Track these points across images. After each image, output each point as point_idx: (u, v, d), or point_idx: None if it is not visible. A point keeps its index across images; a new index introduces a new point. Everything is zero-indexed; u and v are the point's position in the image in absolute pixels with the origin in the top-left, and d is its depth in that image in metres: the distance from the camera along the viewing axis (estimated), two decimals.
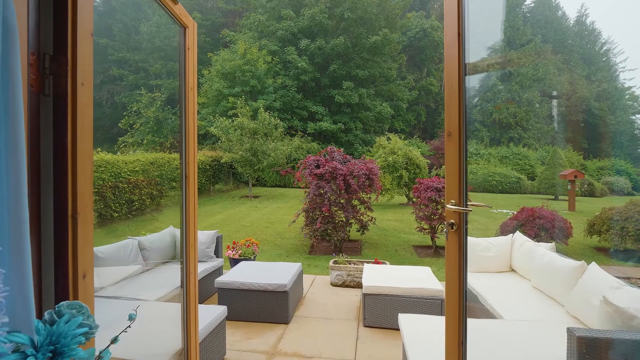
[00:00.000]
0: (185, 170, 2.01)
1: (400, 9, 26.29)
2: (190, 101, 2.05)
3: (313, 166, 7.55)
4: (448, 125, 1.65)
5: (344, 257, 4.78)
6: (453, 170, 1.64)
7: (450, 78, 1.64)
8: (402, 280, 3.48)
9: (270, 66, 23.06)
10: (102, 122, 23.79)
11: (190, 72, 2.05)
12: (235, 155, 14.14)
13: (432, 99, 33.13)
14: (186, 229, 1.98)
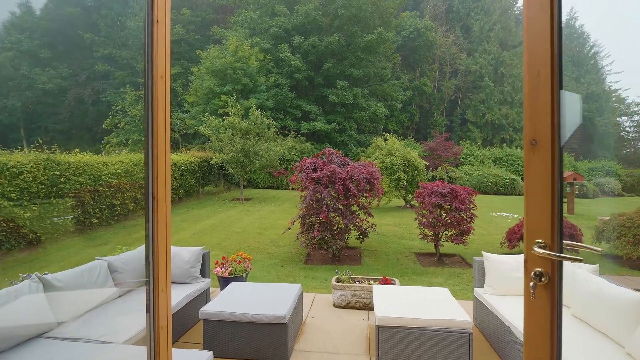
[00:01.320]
0: (153, 189, 1.47)
1: (394, 8, 25.92)
2: (160, 94, 1.51)
3: (310, 169, 7.02)
4: (532, 131, 1.15)
5: (347, 275, 4.26)
6: (540, 194, 1.13)
7: (535, 64, 1.14)
8: (421, 308, 2.97)
9: (262, 64, 22.43)
10: (86, 121, 22.85)
11: (159, 54, 1.51)
12: (226, 156, 13.51)
13: (425, 100, 32.91)
14: (153, 273, 1.43)
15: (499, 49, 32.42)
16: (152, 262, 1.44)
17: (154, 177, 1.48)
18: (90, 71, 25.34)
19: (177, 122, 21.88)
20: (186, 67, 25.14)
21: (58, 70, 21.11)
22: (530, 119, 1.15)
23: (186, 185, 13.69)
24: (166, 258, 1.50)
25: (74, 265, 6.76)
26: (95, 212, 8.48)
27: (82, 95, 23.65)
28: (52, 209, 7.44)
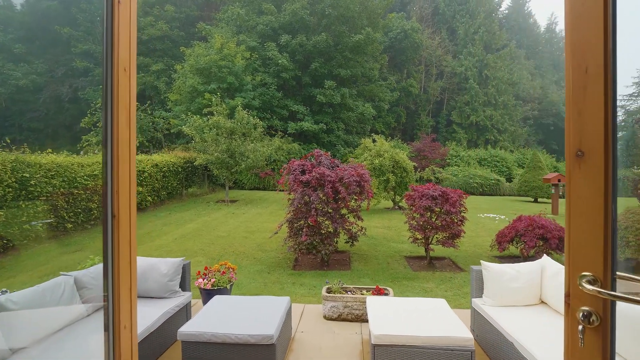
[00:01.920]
0: (113, 206, 1.20)
1: (382, 9, 25.93)
2: (123, 91, 1.25)
3: (298, 172, 6.78)
4: (577, 139, 0.94)
5: (338, 285, 4.04)
6: (587, 217, 0.93)
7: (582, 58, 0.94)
8: (419, 323, 2.78)
9: (248, 62, 22.02)
10: (63, 119, 21.93)
11: (121, 41, 1.25)
12: (211, 157, 13.10)
13: (412, 101, 33.10)
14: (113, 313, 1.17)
15: (484, 52, 32.91)
16: (112, 299, 1.17)
17: (114, 191, 1.21)
18: (68, 67, 24.36)
19: (159, 121, 21.24)
20: (169, 65, 24.47)
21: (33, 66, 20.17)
22: (575, 124, 0.95)
23: (168, 186, 13.21)
24: (130, 293, 1.23)
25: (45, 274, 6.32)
26: (70, 216, 8.00)
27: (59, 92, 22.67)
28: (22, 214, 6.95)
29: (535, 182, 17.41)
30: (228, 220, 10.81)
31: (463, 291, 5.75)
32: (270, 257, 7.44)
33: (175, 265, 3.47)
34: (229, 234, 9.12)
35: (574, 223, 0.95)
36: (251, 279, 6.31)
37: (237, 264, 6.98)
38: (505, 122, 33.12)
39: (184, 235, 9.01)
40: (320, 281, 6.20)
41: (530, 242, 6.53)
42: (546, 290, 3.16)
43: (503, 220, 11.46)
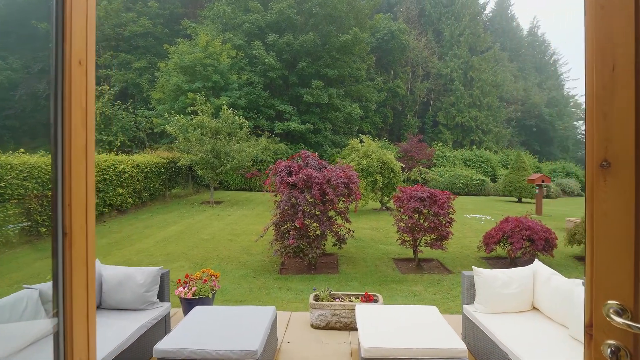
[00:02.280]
0: (64, 221, 1.03)
1: (369, 9, 25.95)
2: (77, 88, 1.07)
3: (284, 173, 6.61)
4: (602, 148, 0.83)
5: (326, 292, 3.90)
6: (615, 237, 0.81)
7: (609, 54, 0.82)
8: (411, 334, 2.66)
9: (234, 61, 21.66)
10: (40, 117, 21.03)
11: (75, 28, 1.07)
12: (195, 157, 12.76)
13: (398, 102, 33.29)
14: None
15: (469, 54, 33.38)
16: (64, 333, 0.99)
17: (65, 205, 1.03)
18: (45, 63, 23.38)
19: (142, 120, 20.66)
20: (152, 62, 23.85)
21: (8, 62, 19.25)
22: (600, 130, 0.82)
23: (150, 188, 12.80)
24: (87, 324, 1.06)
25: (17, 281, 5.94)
26: (44, 219, 7.59)
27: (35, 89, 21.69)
28: None
29: (519, 182, 17.70)
30: (212, 222, 10.53)
31: (452, 294, 5.70)
32: (256, 261, 7.24)
33: (153, 275, 3.25)
34: (213, 237, 8.87)
35: (598, 244, 0.83)
36: (236, 284, 6.11)
37: (221, 269, 6.76)
38: (490, 123, 33.69)
39: (166, 239, 8.71)
40: (307, 285, 6.05)
41: (517, 244, 6.54)
42: (539, 296, 3.10)
43: (489, 221, 11.56)
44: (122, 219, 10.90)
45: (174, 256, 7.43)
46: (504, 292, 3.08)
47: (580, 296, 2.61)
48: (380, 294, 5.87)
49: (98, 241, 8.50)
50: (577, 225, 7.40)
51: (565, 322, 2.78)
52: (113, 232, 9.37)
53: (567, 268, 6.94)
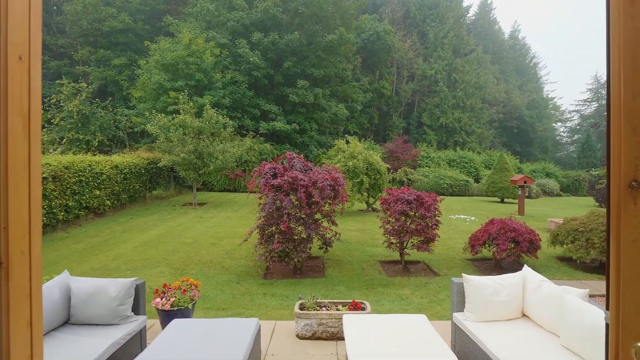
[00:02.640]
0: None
1: (355, 10, 25.94)
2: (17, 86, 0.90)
3: (269, 175, 6.44)
4: (631, 164, 0.71)
5: (312, 300, 3.76)
6: None
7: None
8: (401, 348, 2.55)
9: (218, 59, 21.24)
10: None
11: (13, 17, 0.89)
12: (176, 158, 12.39)
13: (384, 102, 33.47)
14: None
15: (452, 56, 33.86)
16: None
17: (1, 228, 0.86)
18: None
19: (122, 119, 20.00)
20: (133, 59, 23.14)
21: None
22: (628, 145, 0.72)
23: (130, 189, 12.34)
24: None
25: None
26: None
27: None
28: None
29: (502, 183, 18.03)
30: (195, 225, 10.23)
31: (439, 297, 5.66)
32: (240, 266, 7.03)
33: (127, 287, 3.04)
34: (195, 241, 8.59)
35: (626, 277, 0.72)
36: (218, 290, 5.90)
37: (204, 274, 6.53)
38: (473, 124, 34.28)
39: (146, 243, 8.38)
40: (292, 290, 5.90)
41: (502, 245, 6.57)
42: (529, 303, 3.05)
43: (474, 222, 11.67)
44: (99, 222, 10.46)
45: (153, 261, 7.14)
46: (494, 300, 3.02)
47: (571, 304, 2.56)
48: (367, 298, 5.81)
49: (73, 246, 8.10)
50: (560, 227, 7.51)
51: (556, 331, 2.73)
52: (89, 236, 8.96)
53: (550, 269, 7.03)
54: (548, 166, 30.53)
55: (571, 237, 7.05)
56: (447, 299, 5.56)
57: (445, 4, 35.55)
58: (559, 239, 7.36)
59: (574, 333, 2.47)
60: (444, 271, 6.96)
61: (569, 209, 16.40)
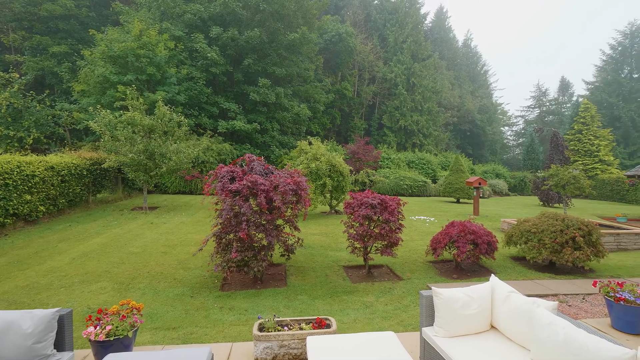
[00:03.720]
0: None
1: (317, 10, 25.76)
2: None
3: (226, 179, 5.97)
4: None
5: (273, 320, 3.42)
6: None
7: None
8: None
9: (173, 53, 20.00)
10: None
11: None
12: (124, 158, 11.35)
13: (346, 103, 33.70)
14: None
15: (411, 60, 34.92)
16: None
17: None
18: None
19: (62, 115, 18.13)
20: (75, 49, 21.12)
21: None
22: None
23: (69, 193, 11.08)
24: None
25: None
26: None
27: None
28: None
29: (458, 184, 18.78)
30: (145, 231, 9.39)
31: (403, 304, 5.57)
32: (194, 277, 6.48)
33: (46, 321, 2.50)
34: (144, 250, 7.84)
35: None
36: (169, 306, 5.35)
37: (153, 288, 5.92)
38: (430, 127, 35.59)
39: (86, 254, 7.50)
40: (252, 303, 5.51)
41: (462, 248, 6.65)
42: (497, 315, 2.95)
43: (433, 223, 11.93)
44: (30, 230, 9.25)
45: (94, 275, 6.36)
46: (465, 314, 2.89)
47: (541, 318, 2.47)
48: (332, 307, 5.56)
49: None
50: (514, 227, 7.80)
51: (525, 344, 2.65)
52: (17, 247, 7.86)
53: (506, 269, 7.26)
54: (497, 167, 32.52)
55: (524, 238, 7.34)
56: (412, 305, 5.49)
57: (405, 10, 36.60)
58: (513, 240, 7.65)
59: (545, 348, 2.37)
60: (407, 275, 6.92)
61: (517, 208, 17.46)
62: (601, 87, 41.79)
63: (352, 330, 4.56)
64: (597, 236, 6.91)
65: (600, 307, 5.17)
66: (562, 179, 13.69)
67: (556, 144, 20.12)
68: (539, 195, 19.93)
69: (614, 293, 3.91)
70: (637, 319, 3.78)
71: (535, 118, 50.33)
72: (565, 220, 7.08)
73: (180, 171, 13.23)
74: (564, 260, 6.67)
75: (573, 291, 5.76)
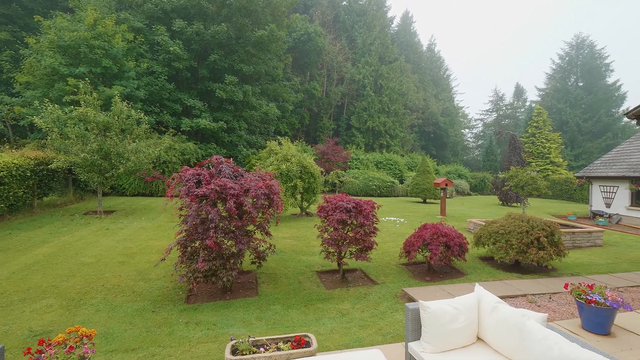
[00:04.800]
0: None
1: (286, 7, 25.35)
2: None
3: (192, 183, 5.52)
4: None
5: (247, 341, 3.10)
6: None
7: None
8: None
9: (132, 46, 18.73)
10: None
11: None
12: (75, 158, 10.35)
13: (315, 103, 33.55)
14: None
15: (379, 63, 35.47)
16: None
17: None
18: None
19: (2, 109, 16.34)
20: (18, 36, 19.16)
21: None
22: None
23: (9, 197, 9.89)
24: None
25: None
26: None
27: None
28: None
29: (425, 184, 19.23)
30: (99, 239, 8.59)
31: (380, 310, 5.44)
32: (156, 289, 5.95)
33: None
34: (98, 260, 7.13)
35: None
36: (128, 323, 4.83)
37: (108, 304, 5.34)
38: (396, 128, 36.37)
39: (29, 266, 6.67)
40: (221, 316, 5.12)
41: (435, 250, 6.67)
42: (484, 327, 2.85)
43: (404, 224, 12.04)
44: None
45: (37, 291, 5.64)
46: (452, 328, 2.76)
47: (533, 332, 2.38)
48: (307, 317, 5.31)
49: None
50: (482, 229, 7.98)
51: (514, 357, 2.55)
52: None
53: (476, 270, 7.40)
54: (459, 168, 33.90)
55: (493, 239, 7.52)
56: (389, 311, 5.37)
57: (372, 13, 37.11)
58: (482, 241, 7.82)
59: None
60: (382, 278, 6.83)
61: (480, 208, 18.20)
62: (551, 93, 45.02)
63: (330, 342, 4.35)
64: (559, 236, 7.23)
65: (566, 306, 5.35)
66: (521, 180, 14.40)
67: (514, 147, 21.25)
68: (498, 195, 20.93)
69: (585, 295, 4.00)
70: (606, 320, 3.89)
71: (493, 121, 53.18)
72: (530, 222, 7.34)
73: (139, 172, 12.33)
74: (530, 260, 6.90)
75: (540, 291, 5.93)
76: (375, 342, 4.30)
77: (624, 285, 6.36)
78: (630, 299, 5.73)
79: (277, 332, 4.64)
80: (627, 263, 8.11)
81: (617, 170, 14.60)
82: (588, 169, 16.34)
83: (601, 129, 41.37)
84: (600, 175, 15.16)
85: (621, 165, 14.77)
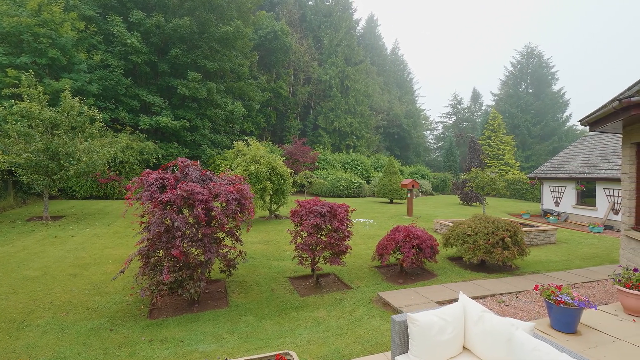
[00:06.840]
0: None
1: (252, 4, 24.74)
2: None
3: (155, 188, 5.09)
4: None
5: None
6: None
7: None
8: None
9: (83, 36, 17.28)
10: None
11: None
12: (17, 158, 9.28)
13: (281, 103, 33.13)
14: None
15: (345, 64, 35.79)
16: None
17: None
18: None
19: None
20: None
21: None
22: None
23: None
24: None
25: None
26: None
27: None
28: None
29: (392, 185, 19.61)
30: (46, 248, 7.74)
31: (356, 316, 5.34)
32: (114, 304, 5.43)
33: None
34: (45, 273, 6.40)
35: None
36: (82, 345, 4.33)
37: (58, 324, 4.77)
38: (362, 129, 36.93)
39: None
40: (189, 331, 4.75)
41: (408, 253, 6.71)
42: (470, 337, 2.82)
43: (373, 225, 12.11)
44: None
45: None
46: (440, 340, 2.69)
47: (522, 342, 2.35)
48: (282, 327, 5.08)
49: None
50: (450, 230, 8.19)
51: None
52: None
53: (446, 271, 7.55)
54: (422, 169, 35.09)
55: (461, 240, 7.73)
56: (365, 317, 5.29)
57: (339, 14, 37.35)
58: (450, 242, 8.02)
59: None
60: (356, 283, 6.76)
61: (444, 207, 18.89)
62: (504, 98, 48.00)
63: (308, 355, 4.17)
64: (521, 236, 7.58)
65: (532, 305, 5.59)
66: (482, 181, 15.10)
67: (473, 149, 22.31)
68: (459, 195, 21.87)
69: (555, 296, 4.15)
70: (573, 320, 4.06)
71: (453, 124, 55.72)
72: (495, 222, 7.63)
73: (92, 173, 11.35)
74: (495, 260, 7.16)
75: (507, 290, 6.15)
76: (354, 353, 4.18)
77: (579, 281, 6.78)
78: (587, 294, 6.10)
79: (251, 346, 4.38)
80: (579, 259, 8.71)
81: (565, 172, 15.78)
82: (539, 170, 17.53)
83: (548, 133, 44.83)
84: (550, 176, 16.30)
85: (568, 167, 15.99)
